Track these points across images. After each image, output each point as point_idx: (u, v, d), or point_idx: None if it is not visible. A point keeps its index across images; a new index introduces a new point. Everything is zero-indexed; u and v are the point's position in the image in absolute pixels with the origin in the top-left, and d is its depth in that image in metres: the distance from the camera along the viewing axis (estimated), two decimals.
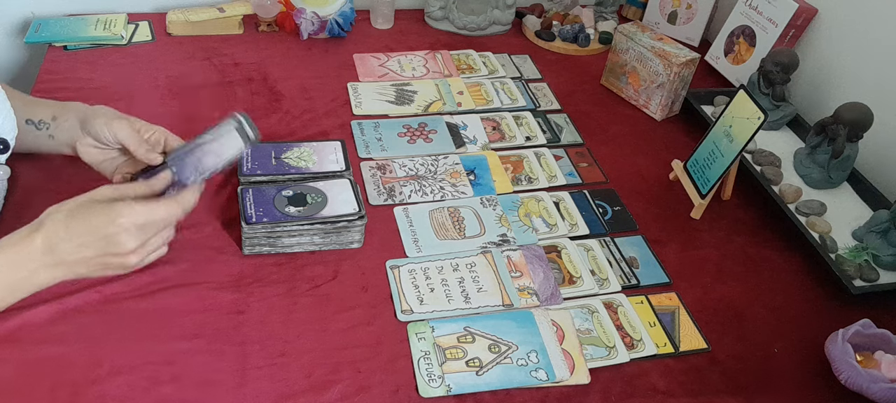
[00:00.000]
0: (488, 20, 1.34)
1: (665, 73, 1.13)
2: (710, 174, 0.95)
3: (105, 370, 0.66)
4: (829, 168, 1.02)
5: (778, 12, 1.20)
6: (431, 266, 0.83)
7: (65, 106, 0.80)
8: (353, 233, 0.83)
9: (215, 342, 0.71)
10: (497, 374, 0.72)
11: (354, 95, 1.11)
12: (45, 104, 0.80)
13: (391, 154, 1.00)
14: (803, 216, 0.98)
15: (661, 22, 1.42)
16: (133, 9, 1.23)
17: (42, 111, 0.79)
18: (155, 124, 0.78)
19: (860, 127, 0.99)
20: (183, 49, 1.16)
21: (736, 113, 0.93)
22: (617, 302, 0.82)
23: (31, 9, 1.16)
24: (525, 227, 0.91)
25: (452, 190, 0.95)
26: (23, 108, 0.78)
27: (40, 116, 0.79)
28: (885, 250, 0.90)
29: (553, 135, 1.09)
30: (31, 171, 0.85)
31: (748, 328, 0.83)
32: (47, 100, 0.81)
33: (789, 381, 0.77)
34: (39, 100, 0.81)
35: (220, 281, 0.77)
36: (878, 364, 0.75)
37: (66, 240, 0.64)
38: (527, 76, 1.24)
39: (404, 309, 0.77)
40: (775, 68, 1.12)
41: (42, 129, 0.79)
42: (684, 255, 0.91)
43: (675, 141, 1.13)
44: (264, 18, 1.23)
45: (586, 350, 0.76)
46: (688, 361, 0.77)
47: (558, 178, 1.00)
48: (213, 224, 0.83)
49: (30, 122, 0.79)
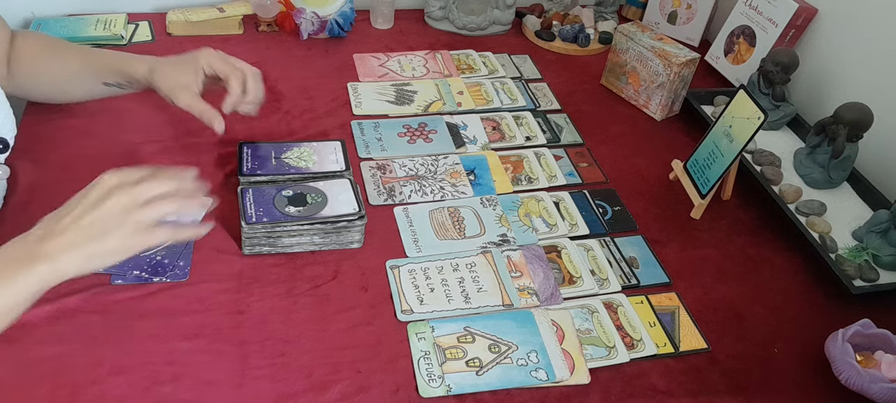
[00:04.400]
0: (488, 20, 1.34)
1: (665, 73, 1.13)
2: (710, 174, 0.95)
3: (105, 370, 0.66)
4: (829, 168, 1.02)
5: (778, 12, 1.20)
6: (431, 266, 0.83)
7: (133, 69, 0.86)
8: (353, 233, 0.83)
9: (215, 342, 0.71)
10: (497, 374, 0.72)
11: (354, 95, 1.11)
12: (116, 64, 0.87)
13: (391, 154, 1.00)
14: (803, 216, 0.98)
15: (661, 22, 1.42)
16: (133, 9, 1.22)
17: (115, 75, 0.87)
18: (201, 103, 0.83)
19: (860, 127, 0.99)
20: (183, 49, 1.13)
21: (736, 113, 0.93)
22: (617, 302, 0.82)
23: (31, 9, 1.16)
24: (525, 227, 0.91)
25: (452, 190, 0.95)
26: (101, 72, 0.87)
27: (116, 80, 0.87)
28: (885, 250, 0.90)
29: (553, 135, 1.09)
30: (32, 172, 0.85)
31: (748, 328, 0.83)
32: (119, 59, 0.87)
33: (789, 381, 0.77)
34: (111, 60, 0.87)
35: (220, 281, 0.77)
36: (878, 364, 0.75)
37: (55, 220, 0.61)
38: (527, 76, 1.24)
39: (404, 309, 0.77)
40: (775, 68, 1.12)
41: (115, 87, 0.89)
42: (684, 255, 0.91)
43: (675, 141, 1.13)
44: (264, 18, 1.23)
45: (586, 350, 0.76)
46: (688, 361, 0.77)
47: (558, 178, 1.00)
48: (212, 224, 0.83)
49: (107, 84, 0.89)
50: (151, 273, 0.76)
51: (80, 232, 0.61)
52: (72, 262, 0.61)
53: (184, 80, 0.83)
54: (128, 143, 0.92)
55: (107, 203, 0.62)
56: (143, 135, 0.94)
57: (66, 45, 0.92)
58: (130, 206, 0.63)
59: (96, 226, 0.61)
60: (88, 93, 0.91)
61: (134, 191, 0.63)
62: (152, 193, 0.64)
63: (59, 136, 0.92)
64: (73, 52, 0.90)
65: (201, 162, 0.92)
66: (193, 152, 0.93)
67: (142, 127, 0.95)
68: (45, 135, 0.91)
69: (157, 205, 0.64)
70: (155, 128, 0.95)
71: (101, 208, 0.62)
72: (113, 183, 0.63)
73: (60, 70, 0.89)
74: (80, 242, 0.61)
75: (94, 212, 0.62)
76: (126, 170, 0.64)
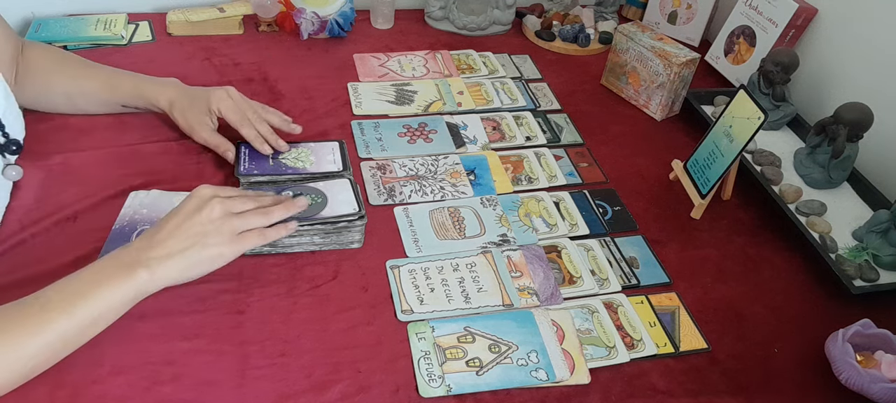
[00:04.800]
0: (488, 20, 1.34)
1: (665, 73, 1.13)
2: (711, 174, 0.95)
3: (105, 370, 0.66)
4: (829, 168, 1.02)
5: (778, 12, 1.20)
6: (431, 266, 0.83)
7: (156, 100, 0.91)
8: (354, 233, 0.83)
9: (215, 342, 0.71)
10: (497, 374, 0.72)
11: (354, 95, 1.11)
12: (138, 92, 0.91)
13: (391, 154, 1.00)
14: (803, 216, 0.98)
15: (661, 22, 1.42)
16: (133, 9, 1.23)
17: (136, 101, 0.92)
18: None
19: (860, 127, 0.99)
20: (183, 49, 1.16)
21: (736, 113, 0.93)
22: (617, 302, 0.82)
23: (32, 9, 1.16)
24: (525, 227, 0.91)
25: (452, 190, 0.95)
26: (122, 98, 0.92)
27: (135, 105, 0.93)
28: (885, 250, 0.90)
29: (553, 135, 1.09)
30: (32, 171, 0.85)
31: (748, 328, 0.83)
32: (139, 87, 0.92)
33: (789, 381, 0.77)
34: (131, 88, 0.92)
35: (220, 281, 0.77)
36: (878, 364, 0.75)
37: (155, 231, 0.65)
38: (527, 76, 1.24)
39: (404, 309, 0.77)
40: (775, 68, 1.12)
41: (131, 108, 0.94)
42: (684, 255, 0.91)
43: (675, 141, 1.13)
44: (264, 18, 1.23)
45: (586, 350, 0.76)
46: (688, 361, 0.77)
47: (558, 178, 1.00)
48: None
49: (126, 106, 0.94)
50: None
51: (179, 240, 0.64)
52: (171, 270, 0.64)
53: (200, 119, 0.90)
54: (128, 143, 0.92)
55: (204, 212, 0.66)
56: (144, 135, 0.94)
57: (82, 64, 0.93)
58: (226, 215, 0.67)
59: (195, 233, 0.65)
60: (101, 110, 0.95)
61: (228, 202, 0.68)
62: (245, 206, 0.70)
63: (60, 136, 0.91)
64: (91, 74, 0.93)
65: (201, 161, 0.92)
66: (193, 153, 0.93)
67: (142, 127, 0.95)
68: (45, 135, 0.90)
69: (248, 217, 0.69)
70: (155, 129, 0.95)
71: (198, 217, 0.65)
72: (208, 194, 0.67)
73: (76, 90, 0.92)
74: (179, 250, 0.64)
75: (193, 221, 0.65)
76: (219, 187, 0.70)
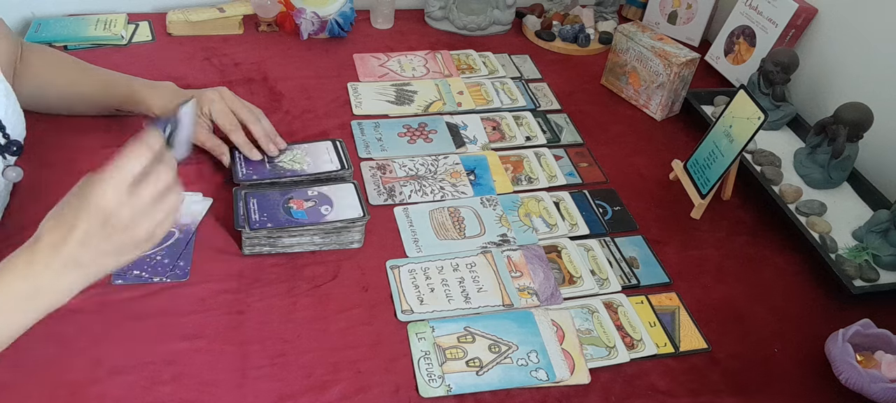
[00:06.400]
0: (488, 20, 1.34)
1: (665, 73, 1.13)
2: (711, 174, 0.95)
3: (105, 370, 0.66)
4: (829, 168, 1.02)
5: (778, 12, 1.20)
6: (431, 266, 0.83)
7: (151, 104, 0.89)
8: (354, 233, 0.83)
9: (215, 342, 0.71)
10: (497, 374, 0.72)
11: (354, 95, 1.11)
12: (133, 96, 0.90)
13: (391, 154, 1.00)
14: (803, 216, 0.98)
15: (661, 22, 1.42)
16: (133, 9, 1.22)
17: (131, 106, 0.91)
18: None
19: (860, 127, 0.99)
20: (183, 49, 1.16)
21: (736, 113, 0.93)
22: (617, 302, 0.82)
23: (31, 9, 1.16)
24: (525, 227, 0.91)
25: (452, 190, 0.95)
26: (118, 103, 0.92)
27: (130, 109, 0.92)
28: (885, 250, 0.90)
29: (553, 135, 1.09)
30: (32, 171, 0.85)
31: (748, 328, 0.83)
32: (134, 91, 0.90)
33: (789, 381, 0.77)
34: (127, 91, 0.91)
35: (220, 281, 0.77)
36: (878, 364, 0.75)
37: (58, 228, 0.59)
38: (527, 76, 1.24)
39: (404, 309, 0.77)
40: (775, 68, 1.12)
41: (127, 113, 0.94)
42: (684, 255, 0.91)
43: (675, 141, 1.13)
44: (264, 18, 1.23)
45: (586, 350, 0.76)
46: (688, 361, 0.77)
47: (558, 178, 1.00)
48: (212, 224, 0.83)
49: (120, 111, 0.94)
50: (151, 273, 0.76)
51: (95, 251, 0.60)
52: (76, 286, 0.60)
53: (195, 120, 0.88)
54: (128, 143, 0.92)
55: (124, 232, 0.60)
56: None
57: (78, 67, 0.94)
58: (135, 217, 0.61)
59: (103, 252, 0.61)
60: (97, 112, 0.95)
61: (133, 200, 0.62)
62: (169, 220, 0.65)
63: (59, 136, 0.91)
64: (87, 78, 0.93)
65: (200, 161, 0.92)
66: (192, 153, 0.93)
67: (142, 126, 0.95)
68: (44, 135, 0.90)
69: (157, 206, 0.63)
70: None
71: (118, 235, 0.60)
72: (124, 210, 0.62)
73: (72, 92, 0.92)
74: (92, 273, 0.60)
75: (108, 234, 0.61)
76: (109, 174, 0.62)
